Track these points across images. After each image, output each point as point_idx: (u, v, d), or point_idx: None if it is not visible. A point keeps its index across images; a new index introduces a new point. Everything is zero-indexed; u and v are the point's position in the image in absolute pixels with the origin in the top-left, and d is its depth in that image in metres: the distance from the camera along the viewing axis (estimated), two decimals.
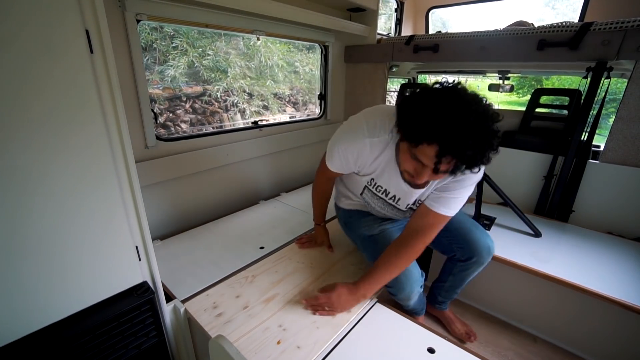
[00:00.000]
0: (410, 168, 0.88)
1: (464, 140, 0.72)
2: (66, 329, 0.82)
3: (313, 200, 1.39)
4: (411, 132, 0.79)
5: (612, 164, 1.58)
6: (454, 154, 0.74)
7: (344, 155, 1.05)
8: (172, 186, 1.63)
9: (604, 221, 1.63)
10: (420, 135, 0.77)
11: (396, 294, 1.13)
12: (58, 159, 0.73)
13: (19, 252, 0.72)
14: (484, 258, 1.20)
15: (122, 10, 1.25)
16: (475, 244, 1.18)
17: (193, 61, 3.30)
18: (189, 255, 1.39)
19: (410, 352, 0.95)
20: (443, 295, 1.40)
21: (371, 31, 2.22)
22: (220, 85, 3.68)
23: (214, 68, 3.52)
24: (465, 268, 1.25)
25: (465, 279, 1.29)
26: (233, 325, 1.01)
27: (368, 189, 1.16)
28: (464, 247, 1.20)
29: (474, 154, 0.74)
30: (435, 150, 0.75)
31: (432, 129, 0.74)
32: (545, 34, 1.60)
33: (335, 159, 1.08)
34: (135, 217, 0.90)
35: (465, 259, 1.22)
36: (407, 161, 0.88)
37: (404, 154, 0.88)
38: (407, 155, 0.87)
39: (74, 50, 0.71)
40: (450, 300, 1.43)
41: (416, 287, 1.11)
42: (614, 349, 1.33)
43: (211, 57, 3.43)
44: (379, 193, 1.13)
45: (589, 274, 1.26)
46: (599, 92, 1.58)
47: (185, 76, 3.40)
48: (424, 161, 0.81)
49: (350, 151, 1.03)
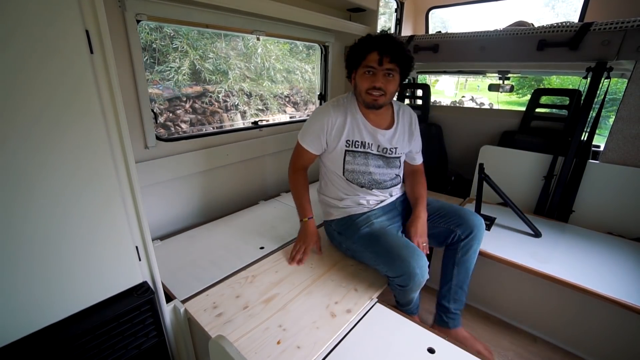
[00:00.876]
0: (368, 83, 1.21)
1: (389, 42, 1.17)
2: (66, 329, 0.82)
3: (293, 194, 1.42)
4: (358, 53, 1.22)
5: (612, 164, 1.58)
6: (388, 51, 1.16)
7: (313, 127, 1.29)
8: (172, 186, 1.63)
9: (603, 221, 1.63)
10: (364, 50, 1.20)
11: (407, 282, 1.11)
12: (58, 159, 0.73)
13: (19, 252, 0.72)
14: (480, 231, 1.29)
15: (122, 10, 1.25)
16: (470, 217, 1.30)
17: (194, 63, 3.31)
18: (189, 255, 1.39)
19: (410, 352, 0.95)
20: (453, 301, 1.32)
21: (371, 31, 2.21)
22: (222, 87, 3.69)
23: (214, 70, 3.53)
24: (466, 249, 1.27)
25: (469, 265, 1.30)
26: (233, 325, 1.01)
27: (348, 152, 1.31)
28: (462, 223, 1.29)
29: (399, 51, 1.18)
30: (377, 53, 1.17)
31: (370, 43, 1.19)
32: (545, 34, 1.60)
33: (307, 133, 1.31)
34: (135, 217, 0.90)
35: (466, 235, 1.27)
36: (364, 80, 1.22)
37: (360, 78, 1.23)
38: (362, 77, 1.22)
39: (74, 50, 0.71)
40: (461, 308, 1.34)
41: (425, 271, 1.11)
42: (613, 349, 1.33)
43: (212, 59, 3.43)
44: (359, 148, 1.31)
45: (589, 274, 1.26)
46: (599, 92, 1.58)
47: (187, 79, 3.41)
48: (373, 64, 1.18)
49: (318, 119, 1.29)
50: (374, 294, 1.17)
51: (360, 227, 1.29)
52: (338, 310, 1.09)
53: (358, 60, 1.22)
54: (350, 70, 1.29)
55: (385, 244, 1.17)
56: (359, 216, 1.33)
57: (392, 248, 1.15)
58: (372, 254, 1.22)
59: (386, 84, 1.20)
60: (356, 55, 1.23)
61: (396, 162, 1.36)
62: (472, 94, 12.21)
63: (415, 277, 1.09)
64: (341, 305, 1.11)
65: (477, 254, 1.30)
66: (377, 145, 1.32)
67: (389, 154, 1.34)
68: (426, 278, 1.12)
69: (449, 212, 1.35)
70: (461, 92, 13.08)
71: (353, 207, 1.35)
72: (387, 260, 1.14)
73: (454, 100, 11.59)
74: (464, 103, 10.89)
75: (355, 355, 0.94)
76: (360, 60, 1.21)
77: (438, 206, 1.39)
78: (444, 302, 1.32)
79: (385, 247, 1.16)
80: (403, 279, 1.10)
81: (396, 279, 1.13)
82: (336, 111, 1.29)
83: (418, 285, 1.12)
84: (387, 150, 1.33)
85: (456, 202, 1.96)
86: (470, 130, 2.45)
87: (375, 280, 1.24)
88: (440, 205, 1.39)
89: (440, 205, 1.39)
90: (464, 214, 1.31)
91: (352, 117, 1.29)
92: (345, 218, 1.36)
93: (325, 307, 1.10)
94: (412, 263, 1.09)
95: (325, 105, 1.33)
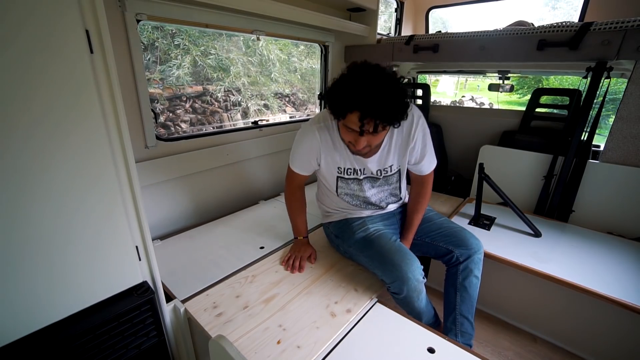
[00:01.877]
0: (350, 138, 1.07)
1: (375, 101, 0.92)
2: (66, 329, 0.82)
3: (289, 213, 1.40)
4: (336, 109, 1.00)
5: (612, 163, 1.58)
6: (372, 114, 0.93)
7: (301, 152, 1.22)
8: (172, 186, 1.63)
9: (603, 221, 1.63)
10: (343, 109, 0.98)
11: (401, 288, 1.08)
12: (58, 159, 0.73)
13: (20, 252, 0.72)
14: (479, 254, 1.24)
15: (122, 10, 1.24)
16: (470, 240, 1.25)
17: (196, 60, 3.30)
18: (189, 255, 1.39)
19: (410, 352, 0.95)
20: (460, 334, 1.22)
21: (371, 31, 2.22)
22: (223, 85, 3.68)
23: (217, 67, 3.52)
24: (467, 273, 1.22)
25: (472, 293, 1.22)
26: (233, 325, 1.01)
27: (340, 179, 1.26)
28: (461, 245, 1.23)
29: (387, 110, 0.94)
30: (358, 115, 0.95)
31: (350, 101, 0.95)
32: (545, 34, 1.60)
33: (296, 158, 1.25)
34: (135, 217, 0.90)
35: (465, 258, 1.22)
36: (345, 133, 1.07)
37: (342, 129, 1.08)
38: (344, 129, 1.06)
39: (74, 50, 0.71)
40: (470, 342, 1.24)
41: (418, 274, 1.08)
42: (613, 348, 1.33)
43: (214, 55, 3.42)
44: (350, 175, 1.25)
45: (589, 274, 1.26)
46: (599, 92, 1.58)
47: (189, 75, 3.40)
48: (353, 127, 0.99)
49: (306, 143, 1.20)
50: (373, 294, 1.17)
51: (356, 232, 1.28)
52: (338, 310, 1.09)
53: (336, 113, 1.02)
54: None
55: (378, 249, 1.17)
56: (355, 220, 1.32)
57: (385, 253, 1.14)
58: (366, 258, 1.22)
59: (371, 140, 1.05)
60: (335, 107, 1.01)
61: (393, 178, 1.30)
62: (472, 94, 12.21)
63: (408, 282, 1.07)
64: (341, 305, 1.11)
65: (479, 281, 1.24)
66: (369, 171, 1.24)
67: (385, 174, 1.27)
68: (422, 282, 1.10)
69: (449, 232, 1.29)
70: (461, 92, 13.08)
71: (350, 211, 1.35)
72: (380, 265, 1.14)
73: (454, 100, 11.59)
74: (464, 103, 10.88)
75: (355, 355, 0.94)
76: (339, 116, 1.02)
77: (439, 224, 1.34)
78: (451, 335, 1.22)
79: (379, 252, 1.16)
80: (397, 284, 1.09)
81: (391, 285, 1.12)
82: (323, 136, 1.19)
83: (413, 290, 1.08)
84: (381, 171, 1.26)
85: (456, 202, 1.96)
86: (470, 130, 2.45)
87: (375, 280, 1.24)
88: (441, 223, 1.34)
89: (441, 223, 1.34)
90: (463, 236, 1.26)
91: (338, 145, 1.20)
92: (342, 221, 1.36)
93: (325, 307, 1.10)
94: (403, 267, 1.08)
95: (309, 128, 1.20)
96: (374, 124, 0.95)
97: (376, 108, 0.93)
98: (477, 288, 1.24)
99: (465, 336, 1.23)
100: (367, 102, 0.93)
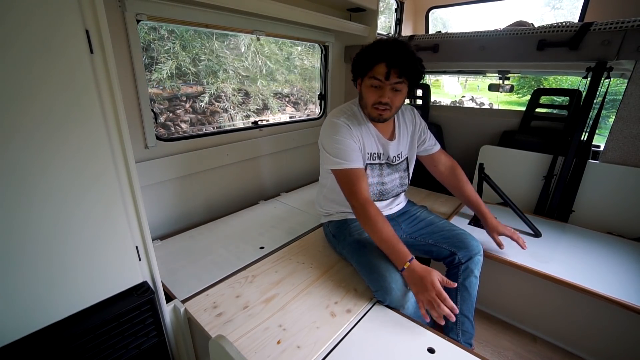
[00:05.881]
0: (374, 96, 1.16)
1: (399, 52, 1.09)
2: (66, 329, 0.82)
3: (377, 236, 1.10)
4: (365, 63, 1.15)
5: (612, 164, 1.58)
6: (396, 64, 1.09)
7: (345, 143, 1.20)
8: (172, 186, 1.63)
9: (603, 221, 1.63)
10: (371, 61, 1.12)
11: (384, 298, 1.08)
12: (58, 159, 0.73)
13: (19, 252, 0.72)
14: (479, 255, 1.28)
15: (122, 10, 1.24)
16: (471, 242, 1.29)
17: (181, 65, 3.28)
18: (189, 255, 1.39)
19: (410, 352, 0.95)
20: (462, 333, 1.23)
21: (371, 31, 2.22)
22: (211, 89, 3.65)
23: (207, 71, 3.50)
24: (467, 273, 1.24)
25: (472, 292, 1.24)
26: (233, 325, 1.01)
27: (369, 166, 1.30)
28: (463, 247, 1.27)
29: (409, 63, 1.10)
30: (384, 64, 1.09)
31: (378, 53, 1.11)
32: (545, 34, 1.60)
33: (346, 152, 1.20)
34: (135, 217, 0.90)
35: (466, 259, 1.25)
36: (370, 93, 1.16)
37: (367, 89, 1.18)
38: (368, 89, 1.17)
39: (74, 50, 0.71)
40: (471, 340, 1.25)
41: (402, 284, 1.08)
42: (613, 349, 1.33)
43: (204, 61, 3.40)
44: (375, 160, 1.31)
45: (589, 274, 1.26)
46: (599, 92, 1.58)
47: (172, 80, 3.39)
48: (379, 77, 1.11)
49: (344, 134, 1.21)
50: (373, 294, 1.17)
51: (351, 234, 1.28)
52: (338, 310, 1.09)
53: (364, 69, 1.15)
54: (356, 76, 1.22)
55: (368, 255, 1.16)
56: (354, 221, 1.32)
57: (372, 260, 1.14)
58: (356, 263, 1.22)
59: (393, 98, 1.15)
60: (362, 63, 1.16)
61: (402, 165, 1.39)
62: (472, 94, 12.22)
63: (392, 293, 1.06)
64: (341, 305, 1.11)
65: (478, 280, 1.26)
66: (387, 155, 1.33)
67: (398, 160, 1.36)
68: (407, 292, 1.08)
69: (452, 235, 1.33)
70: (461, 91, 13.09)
71: (350, 212, 1.31)
72: (368, 274, 1.14)
73: (454, 100, 11.60)
74: (464, 103, 10.89)
75: (355, 355, 0.94)
76: (367, 70, 1.14)
77: (441, 226, 1.38)
78: (452, 335, 1.23)
79: (367, 259, 1.16)
80: (380, 293, 1.09)
81: (375, 293, 1.12)
82: (353, 125, 1.23)
83: (396, 301, 1.06)
84: (396, 157, 1.35)
85: (456, 202, 1.96)
86: (470, 130, 2.45)
87: None
88: (443, 226, 1.38)
89: (443, 226, 1.38)
90: (464, 238, 1.29)
91: (366, 129, 1.26)
92: (341, 221, 1.36)
93: (325, 307, 1.10)
94: (387, 277, 1.07)
95: (337, 121, 1.22)
96: (399, 72, 1.09)
97: (400, 59, 1.09)
98: (476, 288, 1.26)
99: (466, 335, 1.24)
100: (392, 54, 1.09)
